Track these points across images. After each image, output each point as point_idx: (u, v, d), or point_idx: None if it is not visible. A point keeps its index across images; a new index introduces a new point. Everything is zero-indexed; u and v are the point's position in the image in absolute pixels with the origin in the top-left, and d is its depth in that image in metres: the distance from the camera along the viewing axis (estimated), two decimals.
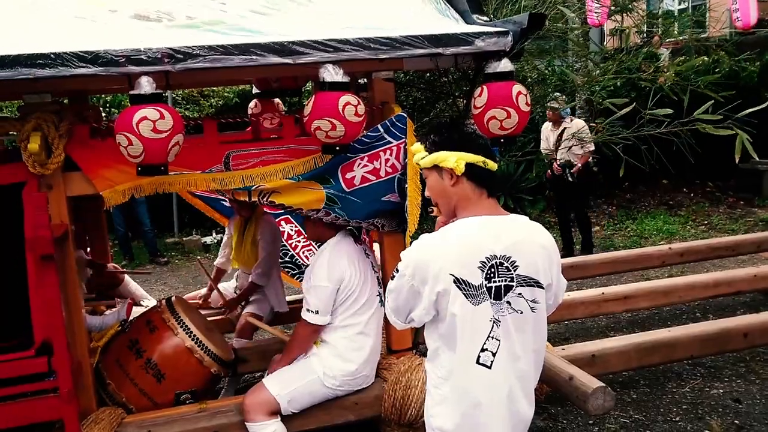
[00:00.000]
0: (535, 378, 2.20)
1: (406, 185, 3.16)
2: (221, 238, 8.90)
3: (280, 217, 4.79)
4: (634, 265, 5.84)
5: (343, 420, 3.31)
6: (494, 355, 2.05)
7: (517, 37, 2.98)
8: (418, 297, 2.07)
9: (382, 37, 2.83)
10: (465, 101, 3.62)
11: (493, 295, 2.03)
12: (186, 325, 3.37)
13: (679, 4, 14.81)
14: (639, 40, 9.28)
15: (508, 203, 8.97)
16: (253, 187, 3.07)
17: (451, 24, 3.22)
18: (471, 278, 2.01)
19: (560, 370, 3.22)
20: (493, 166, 2.12)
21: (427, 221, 3.64)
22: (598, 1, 4.42)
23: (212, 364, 3.39)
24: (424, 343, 3.73)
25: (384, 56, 2.84)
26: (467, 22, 3.23)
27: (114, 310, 3.82)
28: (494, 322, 2.04)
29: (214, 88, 9.33)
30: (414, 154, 2.22)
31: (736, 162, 3.57)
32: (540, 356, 2.20)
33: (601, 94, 7.44)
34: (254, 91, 4.67)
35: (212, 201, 4.70)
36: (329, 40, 2.77)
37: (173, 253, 9.00)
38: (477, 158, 2.09)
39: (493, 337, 2.04)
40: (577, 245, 7.82)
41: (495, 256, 2.03)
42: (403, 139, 3.16)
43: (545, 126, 7.68)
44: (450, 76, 3.93)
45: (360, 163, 3.14)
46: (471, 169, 2.09)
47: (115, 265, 4.61)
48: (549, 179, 7.85)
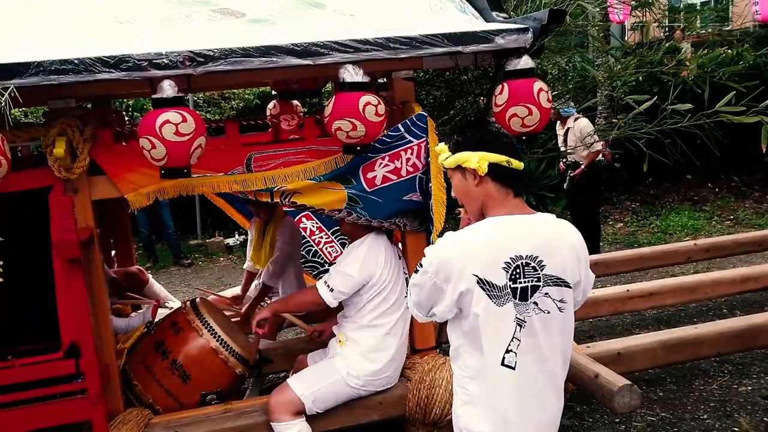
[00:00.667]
0: (563, 377, 2.18)
1: (429, 184, 3.15)
2: (244, 240, 9.02)
3: (300, 215, 4.81)
4: (658, 262, 5.78)
5: (368, 420, 3.31)
6: (519, 356, 2.04)
7: (538, 34, 2.96)
8: (441, 294, 2.06)
9: (401, 37, 2.83)
10: (485, 99, 3.61)
11: (518, 296, 2.01)
12: (211, 326, 3.39)
13: None
14: (661, 35, 9.20)
15: (530, 201, 8.93)
16: (275, 189, 3.09)
17: (471, 22, 3.21)
18: (495, 279, 2.00)
19: (585, 368, 3.20)
20: (518, 165, 2.10)
21: (450, 220, 3.63)
22: None
23: (237, 365, 3.41)
24: (447, 343, 3.73)
25: (404, 55, 2.84)
26: (487, 20, 3.22)
27: (139, 312, 3.86)
28: (518, 323, 2.02)
29: (235, 90, 9.39)
30: (438, 154, 2.22)
31: (763, 151, 3.50)
32: (567, 355, 2.18)
33: (623, 89, 7.39)
34: (274, 92, 4.69)
35: (235, 202, 4.73)
36: (349, 40, 2.78)
37: (196, 254, 9.08)
38: (501, 158, 2.07)
39: (517, 338, 2.03)
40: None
41: (521, 257, 2.02)
42: (424, 138, 3.15)
43: (557, 125, 7.63)
44: (470, 74, 3.91)
45: (381, 163, 3.14)
46: (495, 169, 2.08)
47: (140, 268, 4.65)
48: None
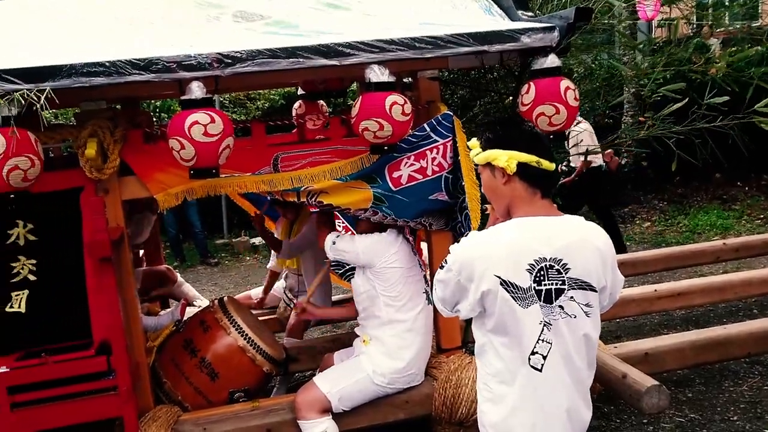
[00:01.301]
0: (589, 381, 2.17)
1: (460, 183, 3.15)
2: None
3: None
4: (687, 262, 5.70)
5: (394, 418, 3.32)
6: (545, 358, 2.03)
7: (564, 33, 2.95)
8: (464, 292, 2.07)
9: (427, 36, 2.84)
10: (511, 98, 3.60)
11: (543, 299, 2.00)
12: (238, 325, 3.43)
13: None
14: (689, 31, 9.07)
15: (555, 200, 8.85)
16: (302, 188, 3.11)
17: (496, 21, 3.21)
18: (518, 280, 1.99)
19: (613, 368, 3.18)
20: (548, 166, 2.09)
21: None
22: None
23: (264, 363, 3.45)
24: (473, 342, 3.73)
25: (429, 55, 2.85)
26: (512, 19, 3.21)
27: (168, 310, 3.91)
28: (545, 325, 2.01)
29: (260, 91, 9.45)
30: (471, 150, 2.22)
31: None
32: (593, 360, 2.16)
33: (651, 86, 7.30)
34: (299, 92, 4.72)
35: (259, 202, 4.76)
36: (375, 40, 2.79)
37: (223, 254, 9.16)
38: (530, 158, 2.06)
39: (543, 340, 2.02)
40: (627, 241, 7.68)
41: (544, 259, 2.01)
42: (450, 138, 3.15)
43: None
44: (495, 74, 3.91)
45: (407, 162, 3.15)
46: (524, 169, 2.07)
47: (169, 267, 4.71)
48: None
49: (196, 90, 2.63)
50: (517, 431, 2.08)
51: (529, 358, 2.03)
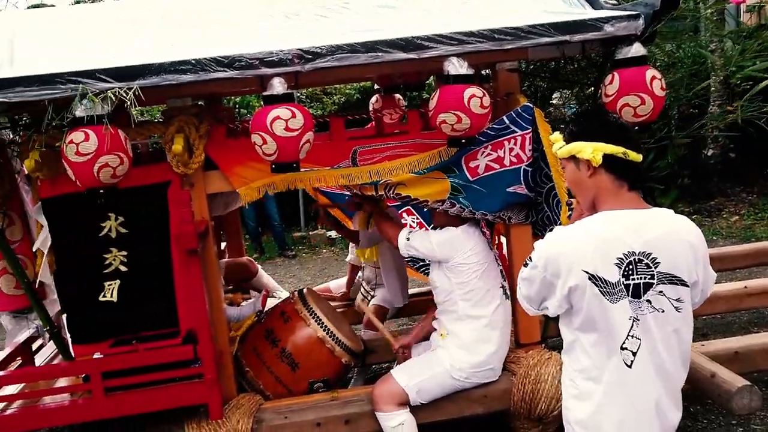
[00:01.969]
0: (681, 380, 2.11)
1: (541, 175, 3.11)
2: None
3: (402, 209, 4.84)
4: None
5: (471, 412, 3.31)
6: (635, 354, 1.98)
7: (649, 20, 2.86)
8: (551, 288, 2.04)
9: (506, 27, 2.81)
10: (593, 89, 3.52)
11: (631, 293, 1.96)
12: (318, 316, 3.48)
13: None
14: None
15: (639, 193, 8.60)
16: (380, 181, 3.13)
17: (578, 10, 3.13)
18: (607, 275, 1.95)
19: (701, 366, 3.07)
20: (635, 157, 2.04)
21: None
22: None
23: (343, 354, 3.49)
24: (552, 337, 3.67)
25: (509, 46, 2.82)
26: (594, 7, 3.13)
27: (250, 301, 4.01)
28: (633, 320, 1.97)
29: (337, 86, 9.55)
30: (553, 144, 2.19)
31: None
32: (687, 357, 2.10)
33: (741, 74, 6.98)
34: (376, 87, 4.74)
35: (336, 196, 4.81)
36: (453, 32, 2.78)
37: (300, 246, 9.33)
38: (617, 149, 2.01)
39: (633, 336, 1.98)
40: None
41: (633, 253, 1.96)
42: (529, 130, 3.11)
43: None
44: (576, 64, 3.82)
45: (484, 152, 3.12)
46: (609, 161, 2.03)
47: (250, 259, 4.83)
48: None
49: (278, 86, 2.68)
50: (603, 428, 2.05)
51: (618, 355, 1.99)
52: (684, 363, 2.09)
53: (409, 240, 3.28)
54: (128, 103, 2.56)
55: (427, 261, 4.87)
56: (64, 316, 3.27)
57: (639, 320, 1.97)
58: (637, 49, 2.86)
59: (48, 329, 3.29)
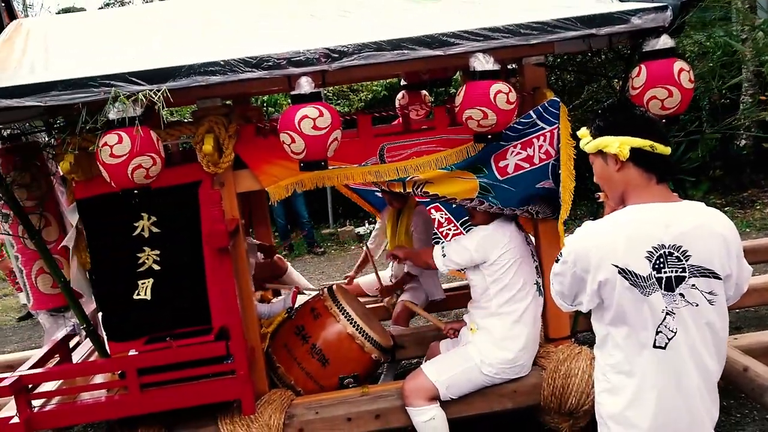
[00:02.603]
0: (717, 375, 2.09)
1: (560, 171, 3.10)
2: (373, 229, 9.21)
3: (430, 206, 4.85)
4: None
5: (501, 407, 3.32)
6: (668, 347, 1.98)
7: (677, 12, 2.84)
8: (582, 283, 2.04)
9: (532, 22, 2.81)
10: (621, 82, 3.49)
11: (664, 286, 1.95)
12: (347, 313, 3.52)
13: None
14: None
15: (668, 185, 8.50)
16: (408, 178, 3.15)
17: (605, 2, 3.11)
18: (638, 269, 1.95)
19: (734, 360, 3.04)
20: (663, 150, 2.03)
21: (580, 207, 3.55)
22: None
23: (373, 350, 3.52)
24: (582, 332, 3.66)
25: (535, 41, 2.82)
26: (621, 0, 3.11)
27: (280, 298, 4.05)
28: (667, 313, 1.96)
29: (363, 83, 9.58)
30: (580, 139, 2.18)
31: None
32: (723, 351, 2.08)
33: None
34: (402, 83, 4.76)
35: (365, 193, 4.85)
36: (479, 28, 2.78)
37: (329, 243, 9.38)
38: (644, 142, 2.01)
39: (667, 328, 1.97)
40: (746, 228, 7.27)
41: (663, 246, 1.96)
42: (557, 125, 3.10)
43: None
44: (603, 57, 3.80)
45: (513, 151, 3.12)
46: (637, 154, 2.02)
47: (279, 256, 4.88)
48: None
49: (305, 85, 2.70)
50: (636, 423, 2.04)
51: (650, 348, 1.98)
52: (720, 358, 2.07)
53: (445, 256, 3.29)
54: (159, 104, 2.61)
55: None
56: (100, 314, 3.35)
57: (674, 314, 1.96)
58: (664, 41, 2.84)
59: (84, 327, 3.37)
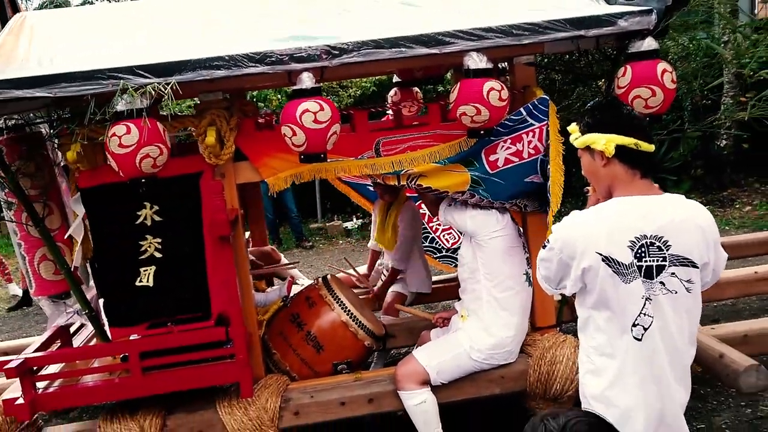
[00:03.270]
0: (690, 357, 2.24)
1: (548, 166, 3.24)
2: (362, 224, 9.34)
3: (420, 201, 4.98)
4: None
5: (489, 393, 3.44)
6: (645, 331, 2.12)
7: (661, 15, 2.98)
8: (567, 269, 2.18)
9: (524, 23, 2.94)
10: (607, 82, 3.63)
11: (644, 274, 2.09)
12: (341, 301, 3.63)
13: None
14: None
15: (651, 180, 8.70)
16: (402, 171, 3.27)
17: (593, 5, 3.25)
18: (620, 257, 2.09)
19: (710, 347, 3.20)
20: (647, 147, 2.17)
21: (570, 200, 3.69)
22: None
23: (366, 338, 3.64)
24: (566, 322, 3.80)
25: (526, 41, 2.95)
26: (609, 3, 3.24)
27: (276, 287, 4.17)
28: (646, 299, 2.10)
29: (354, 79, 9.69)
30: (569, 135, 2.32)
31: None
32: (694, 336, 2.23)
33: (752, 66, 7.07)
34: (395, 80, 4.87)
35: (359, 186, 4.97)
36: (473, 28, 2.92)
37: (317, 237, 9.48)
38: (628, 140, 2.15)
39: (645, 314, 2.11)
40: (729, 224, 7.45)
41: (645, 236, 2.10)
42: (545, 121, 3.23)
43: None
44: (590, 57, 3.94)
45: (503, 146, 3.25)
46: (622, 151, 2.16)
47: (273, 248, 4.99)
48: None
49: (306, 80, 2.82)
50: (617, 402, 2.18)
51: (630, 332, 2.12)
52: (692, 341, 2.23)
53: (450, 206, 3.45)
54: (166, 97, 2.71)
55: (444, 253, 5.05)
56: (101, 301, 3.44)
57: (652, 300, 2.10)
58: (649, 43, 2.98)
59: (86, 312, 3.46)
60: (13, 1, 3.65)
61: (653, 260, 2.09)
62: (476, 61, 2.91)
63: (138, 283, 3.26)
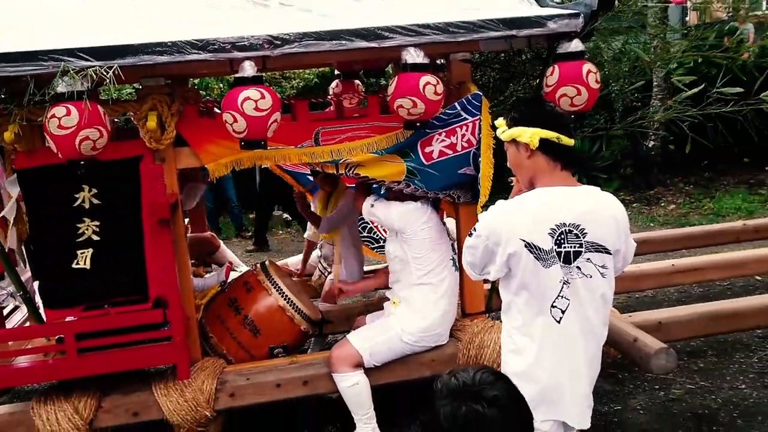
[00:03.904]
0: (603, 338, 2.42)
1: (480, 159, 3.39)
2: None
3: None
4: (707, 241, 5.83)
5: (420, 375, 3.58)
6: (563, 312, 2.29)
7: (588, 19, 3.16)
8: (492, 255, 2.32)
9: (460, 21, 3.07)
10: (538, 80, 3.81)
11: (562, 259, 2.26)
12: (279, 286, 3.71)
13: None
14: (724, 14, 9.11)
15: (582, 181, 9.00)
16: (341, 161, 3.37)
17: (525, 7, 3.42)
18: (541, 243, 2.25)
19: (625, 332, 3.40)
20: (568, 141, 2.33)
21: (501, 191, 3.85)
22: None
23: (302, 322, 3.73)
24: (495, 309, 3.97)
25: (462, 39, 3.09)
26: (540, 5, 3.41)
27: (214, 273, 4.22)
28: (564, 283, 2.27)
29: (296, 71, 9.72)
30: (497, 129, 2.47)
31: None
32: (607, 319, 2.42)
33: (679, 71, 7.44)
34: (336, 72, 4.96)
35: (299, 176, 5.04)
36: (411, 24, 3.04)
37: None
38: (551, 134, 2.30)
39: (563, 297, 2.28)
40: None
41: (564, 224, 2.26)
42: (478, 116, 3.38)
43: None
44: (523, 56, 4.11)
45: (438, 138, 3.38)
46: (545, 144, 2.31)
47: (212, 234, 5.02)
48: None
49: (248, 68, 2.89)
50: (537, 379, 2.34)
51: (549, 313, 2.29)
52: (605, 323, 2.41)
53: (373, 206, 3.55)
54: (107, 81, 2.74)
55: (381, 244, 5.17)
56: (35, 283, 3.43)
57: (569, 283, 2.27)
58: (576, 45, 3.16)
59: (21, 294, 3.45)
60: None
61: (571, 246, 2.25)
62: (413, 56, 3.03)
63: (75, 266, 3.27)
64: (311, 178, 4.86)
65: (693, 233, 5.89)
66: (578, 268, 2.27)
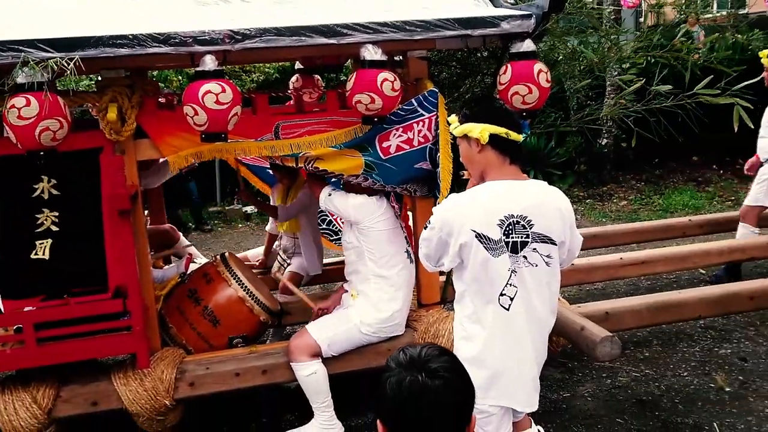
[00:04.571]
0: (550, 325, 2.56)
1: (437, 154, 3.49)
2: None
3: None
4: (655, 236, 6.04)
5: (377, 364, 3.65)
6: (512, 300, 2.41)
7: (539, 20, 3.28)
8: (446, 246, 2.44)
9: (416, 20, 3.16)
10: (492, 78, 3.93)
11: (510, 249, 2.38)
12: (238, 278, 3.77)
13: None
14: (677, 17, 9.41)
15: (537, 177, 9.24)
16: (300, 154, 3.44)
17: (480, 7, 3.53)
18: (491, 234, 2.37)
19: (573, 321, 3.54)
20: (516, 137, 2.46)
21: (458, 185, 3.97)
22: None
23: (261, 313, 3.79)
24: (450, 301, 4.09)
25: (418, 37, 3.18)
26: (495, 6, 3.53)
27: (173, 264, 4.24)
28: (512, 272, 2.39)
29: (256, 65, 9.72)
30: (450, 125, 2.58)
31: (735, 131, 3.85)
32: (554, 307, 2.55)
33: (631, 71, 7.65)
34: (296, 66, 5.02)
35: (258, 169, 5.09)
36: (370, 22, 3.12)
37: (216, 221, 9.49)
38: (500, 130, 2.42)
39: (511, 284, 2.40)
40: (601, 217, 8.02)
41: (512, 216, 2.38)
42: (435, 113, 3.48)
43: None
44: (479, 55, 4.23)
45: (395, 134, 3.48)
46: (495, 139, 2.44)
47: (172, 226, 5.03)
48: None
49: (209, 62, 2.94)
50: (488, 363, 2.46)
51: (498, 301, 2.41)
52: (552, 311, 2.54)
53: (330, 196, 3.62)
54: (68, 72, 2.76)
55: (340, 220, 5.25)
56: None
57: (516, 272, 2.39)
58: (527, 45, 3.28)
59: None
60: None
61: (518, 237, 2.38)
62: (372, 53, 3.12)
63: (33, 256, 3.28)
64: (271, 171, 4.91)
65: (642, 228, 6.10)
66: (525, 257, 2.39)
